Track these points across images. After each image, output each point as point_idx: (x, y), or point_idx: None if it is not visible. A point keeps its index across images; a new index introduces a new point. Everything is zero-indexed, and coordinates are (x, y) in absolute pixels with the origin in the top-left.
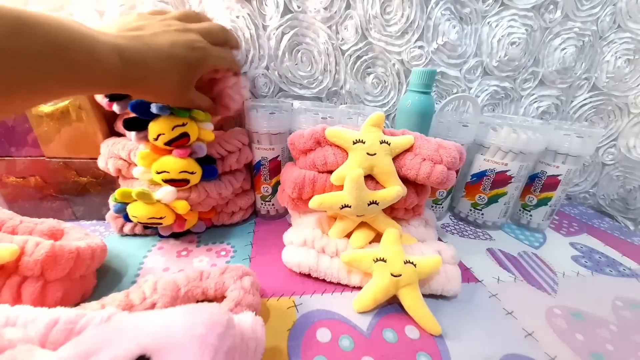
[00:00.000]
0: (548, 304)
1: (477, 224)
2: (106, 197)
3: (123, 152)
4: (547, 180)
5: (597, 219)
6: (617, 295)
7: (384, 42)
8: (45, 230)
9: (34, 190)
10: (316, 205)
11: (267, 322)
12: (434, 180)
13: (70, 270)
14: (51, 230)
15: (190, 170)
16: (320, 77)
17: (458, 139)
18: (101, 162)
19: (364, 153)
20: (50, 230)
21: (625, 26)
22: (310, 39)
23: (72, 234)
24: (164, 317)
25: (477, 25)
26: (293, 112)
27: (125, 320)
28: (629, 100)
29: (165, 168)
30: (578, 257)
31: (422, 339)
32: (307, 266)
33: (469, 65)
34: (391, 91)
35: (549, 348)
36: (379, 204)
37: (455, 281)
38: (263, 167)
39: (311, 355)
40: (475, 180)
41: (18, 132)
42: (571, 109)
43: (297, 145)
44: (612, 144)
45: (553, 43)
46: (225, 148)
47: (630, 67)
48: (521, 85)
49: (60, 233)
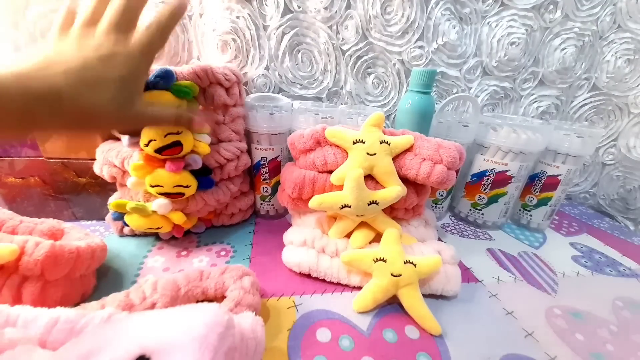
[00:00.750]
0: (548, 304)
1: (477, 224)
2: (106, 197)
3: (117, 159)
4: (547, 180)
5: (597, 219)
6: (617, 295)
7: (385, 42)
8: (46, 230)
9: (33, 191)
10: (316, 205)
11: (266, 322)
12: (433, 180)
13: (70, 270)
14: (51, 230)
15: (184, 184)
16: (320, 77)
17: (458, 139)
18: (96, 168)
19: (364, 153)
20: (50, 230)
21: (625, 26)
22: (311, 39)
23: (72, 234)
24: (163, 317)
25: (477, 25)
26: (293, 112)
27: (125, 320)
28: (629, 100)
29: (159, 182)
30: (578, 257)
31: (422, 339)
32: (307, 266)
33: (468, 65)
34: (391, 91)
35: (549, 348)
36: (379, 204)
37: (455, 281)
38: (263, 167)
39: (311, 355)
40: (475, 180)
41: None
42: (571, 109)
43: (297, 145)
44: (612, 144)
45: (553, 43)
46: (224, 156)
47: (630, 67)
48: (521, 85)
49: (60, 233)
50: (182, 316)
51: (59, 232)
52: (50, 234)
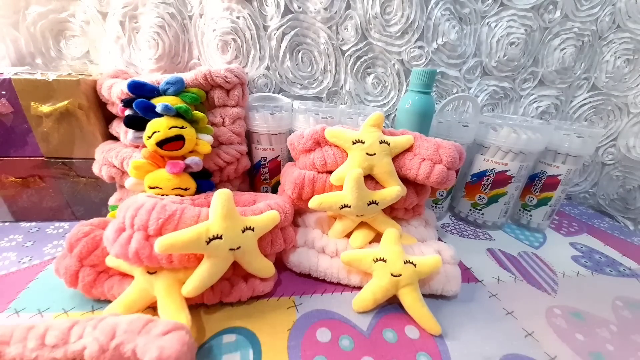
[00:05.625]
0: (548, 304)
1: (477, 224)
2: (105, 197)
3: (116, 160)
4: (547, 180)
5: (597, 219)
6: (617, 295)
7: (384, 42)
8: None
9: (33, 191)
10: (316, 205)
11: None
12: (433, 180)
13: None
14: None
15: (184, 187)
16: (320, 77)
17: (458, 139)
18: (95, 168)
19: (364, 153)
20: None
21: (625, 26)
22: (311, 39)
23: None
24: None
25: (476, 25)
26: (293, 112)
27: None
28: (628, 100)
29: (158, 184)
30: (578, 257)
31: (422, 339)
32: (307, 266)
33: (468, 65)
34: (391, 91)
35: (549, 348)
36: (378, 204)
37: (455, 281)
38: (263, 167)
39: (311, 355)
40: (475, 180)
41: (17, 132)
42: (571, 109)
43: (297, 145)
44: (612, 143)
45: (552, 43)
46: (224, 159)
47: (629, 67)
48: (520, 85)
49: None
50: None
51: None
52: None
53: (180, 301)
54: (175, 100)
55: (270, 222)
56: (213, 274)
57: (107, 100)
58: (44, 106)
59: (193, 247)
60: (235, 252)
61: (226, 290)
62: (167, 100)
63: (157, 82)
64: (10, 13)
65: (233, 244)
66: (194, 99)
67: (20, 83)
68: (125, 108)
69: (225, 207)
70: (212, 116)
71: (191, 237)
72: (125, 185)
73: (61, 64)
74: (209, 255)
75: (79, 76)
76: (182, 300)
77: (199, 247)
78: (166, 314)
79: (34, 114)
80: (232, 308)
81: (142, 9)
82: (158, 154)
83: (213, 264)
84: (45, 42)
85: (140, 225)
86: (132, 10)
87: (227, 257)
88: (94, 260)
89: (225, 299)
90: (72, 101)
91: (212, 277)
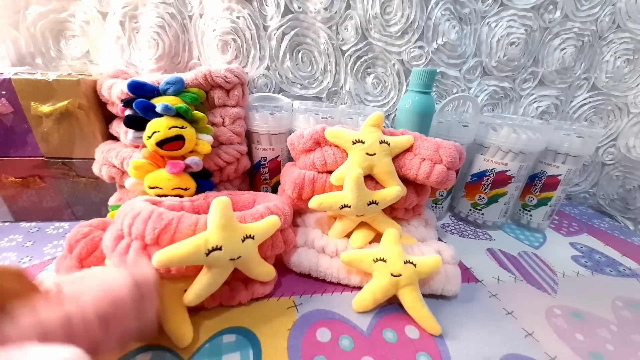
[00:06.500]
0: (548, 304)
1: (477, 224)
2: (105, 197)
3: (116, 160)
4: (547, 180)
5: (597, 219)
6: (617, 295)
7: (384, 42)
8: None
9: (33, 191)
10: (316, 205)
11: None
12: (433, 180)
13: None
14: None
15: (183, 187)
16: (320, 77)
17: (458, 139)
18: (95, 168)
19: (364, 153)
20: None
21: (625, 26)
22: (311, 39)
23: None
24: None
25: (476, 25)
26: (293, 112)
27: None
28: (628, 100)
29: (158, 184)
30: (578, 257)
31: (422, 339)
32: (307, 266)
33: (468, 65)
34: (391, 91)
35: (549, 348)
36: (378, 204)
37: (455, 281)
38: (263, 167)
39: (311, 355)
40: (475, 180)
41: (17, 132)
42: (571, 109)
43: (297, 145)
44: (612, 143)
45: (552, 43)
46: (224, 159)
47: (629, 67)
48: (520, 85)
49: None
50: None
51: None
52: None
53: (182, 311)
54: (175, 100)
55: (271, 228)
56: (214, 283)
57: (107, 100)
58: (44, 106)
59: (192, 259)
60: (235, 262)
61: (226, 295)
62: (167, 100)
63: (157, 82)
64: (10, 13)
65: (233, 254)
66: (194, 99)
67: (20, 83)
68: (125, 108)
69: (224, 216)
70: (212, 116)
71: (190, 251)
72: (125, 185)
73: (61, 64)
74: (209, 266)
75: (79, 76)
76: (184, 310)
77: (198, 259)
78: (169, 325)
79: (34, 114)
80: (232, 308)
81: (142, 9)
82: (158, 154)
83: (213, 274)
84: (45, 42)
85: (138, 234)
86: (132, 10)
87: (227, 266)
88: (94, 261)
89: (226, 303)
90: (72, 101)
91: (212, 286)
